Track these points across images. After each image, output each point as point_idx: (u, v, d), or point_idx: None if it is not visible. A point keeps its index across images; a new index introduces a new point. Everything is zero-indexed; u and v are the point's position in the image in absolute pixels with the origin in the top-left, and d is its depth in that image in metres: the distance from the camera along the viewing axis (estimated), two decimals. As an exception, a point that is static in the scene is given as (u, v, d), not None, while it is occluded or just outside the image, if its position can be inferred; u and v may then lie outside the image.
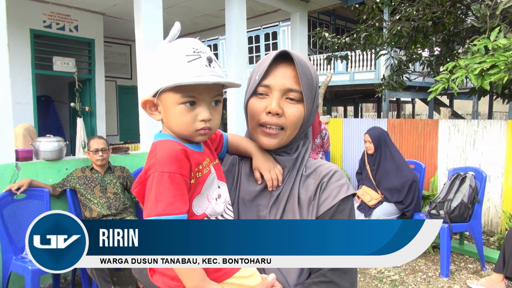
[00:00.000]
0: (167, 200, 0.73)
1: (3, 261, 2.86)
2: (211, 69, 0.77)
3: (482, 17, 3.69)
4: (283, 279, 0.84)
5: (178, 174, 0.76)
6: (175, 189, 0.74)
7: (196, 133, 0.80)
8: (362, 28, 5.30)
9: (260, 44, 13.49)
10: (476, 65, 2.93)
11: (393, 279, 3.45)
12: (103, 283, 2.83)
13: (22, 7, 5.49)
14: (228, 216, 0.87)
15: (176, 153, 0.77)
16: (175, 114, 0.79)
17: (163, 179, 0.74)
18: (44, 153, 3.27)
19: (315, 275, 0.84)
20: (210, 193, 0.84)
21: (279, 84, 0.87)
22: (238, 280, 0.80)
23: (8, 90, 2.97)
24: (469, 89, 5.88)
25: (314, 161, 0.97)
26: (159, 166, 0.75)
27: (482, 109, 16.45)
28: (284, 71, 0.87)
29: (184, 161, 0.77)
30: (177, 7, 5.89)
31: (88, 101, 6.49)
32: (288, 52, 0.87)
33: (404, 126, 5.33)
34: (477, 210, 3.55)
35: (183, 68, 0.75)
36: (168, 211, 0.73)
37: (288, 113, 0.87)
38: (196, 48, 0.78)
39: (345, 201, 0.89)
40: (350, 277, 0.85)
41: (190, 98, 0.77)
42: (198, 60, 0.76)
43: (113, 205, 3.16)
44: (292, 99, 0.88)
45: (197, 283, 0.75)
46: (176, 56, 0.77)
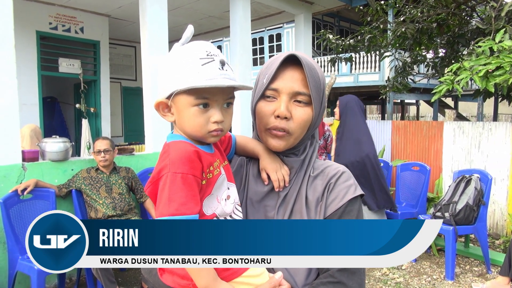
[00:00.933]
0: (180, 200, 0.75)
1: (10, 260, 2.88)
2: (224, 72, 0.79)
3: (487, 19, 3.67)
4: (291, 279, 0.85)
5: (191, 175, 0.77)
6: (187, 190, 0.76)
7: (209, 135, 0.82)
8: (366, 30, 5.30)
9: (264, 46, 13.51)
10: (481, 66, 2.91)
11: (397, 282, 3.43)
12: (108, 283, 2.84)
13: (29, 9, 5.54)
14: (236, 216, 0.88)
15: (189, 154, 0.78)
16: (188, 116, 0.80)
17: (176, 180, 0.75)
18: (50, 154, 3.30)
19: (323, 276, 0.85)
20: (220, 194, 0.85)
21: (287, 88, 0.87)
22: (247, 279, 0.81)
23: (15, 91, 3.00)
24: (474, 91, 5.85)
25: (321, 162, 0.98)
26: (172, 167, 0.76)
27: (487, 111, 16.35)
28: (292, 74, 0.87)
29: (196, 162, 0.79)
30: (182, 9, 5.92)
31: (93, 102, 6.53)
32: (295, 55, 0.87)
33: (408, 128, 5.32)
34: (482, 212, 3.53)
35: (197, 71, 0.76)
36: (181, 211, 0.74)
37: (296, 116, 0.88)
38: (209, 51, 0.80)
39: (352, 202, 0.89)
40: (358, 277, 0.85)
41: (203, 100, 0.79)
42: (211, 63, 0.78)
43: (118, 205, 3.18)
44: (300, 102, 0.88)
45: (208, 282, 0.76)
46: (190, 59, 0.78)
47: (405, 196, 4.46)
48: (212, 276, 0.76)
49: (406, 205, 4.39)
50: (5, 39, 2.93)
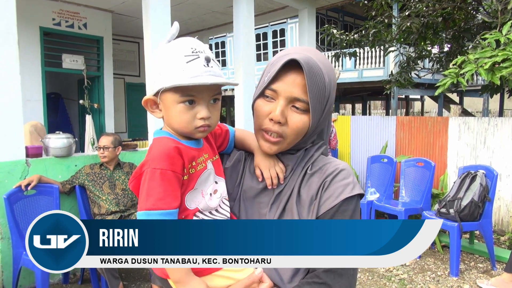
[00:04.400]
0: (157, 196, 0.77)
1: (14, 256, 2.90)
2: (209, 69, 0.79)
3: (493, 12, 3.62)
4: (277, 276, 0.84)
5: (170, 171, 0.78)
6: (166, 185, 0.78)
7: (196, 130, 0.83)
8: (370, 24, 5.25)
9: (268, 41, 13.46)
10: (487, 59, 2.88)
11: (401, 278, 3.42)
12: (111, 279, 2.85)
13: (32, 5, 5.54)
14: (223, 210, 0.89)
15: (169, 150, 0.80)
16: (175, 113, 0.82)
17: (155, 175, 0.78)
18: (53, 150, 3.30)
19: (309, 276, 0.83)
20: (205, 188, 0.86)
21: (286, 91, 0.84)
22: (226, 273, 0.82)
23: (19, 88, 3.00)
24: (481, 86, 5.80)
25: (323, 159, 0.93)
26: (152, 163, 0.79)
27: (492, 106, 16.24)
28: (294, 78, 0.83)
29: (176, 158, 0.80)
30: (185, 4, 5.89)
31: (96, 98, 6.54)
32: (298, 61, 0.81)
33: (413, 123, 5.28)
34: (487, 209, 3.50)
35: (182, 69, 0.78)
36: (157, 205, 0.76)
37: (291, 122, 0.85)
38: (194, 48, 0.80)
39: (348, 201, 0.85)
40: (346, 280, 0.82)
41: (189, 97, 0.80)
42: (196, 60, 0.79)
43: (121, 201, 3.18)
44: (297, 108, 0.85)
45: (180, 276, 0.77)
46: (175, 57, 0.79)
47: (409, 192, 4.44)
48: (184, 271, 0.77)
49: (411, 201, 4.37)
50: (8, 36, 2.92)
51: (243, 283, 0.81)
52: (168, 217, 0.77)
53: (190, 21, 6.94)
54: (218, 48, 14.96)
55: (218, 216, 0.87)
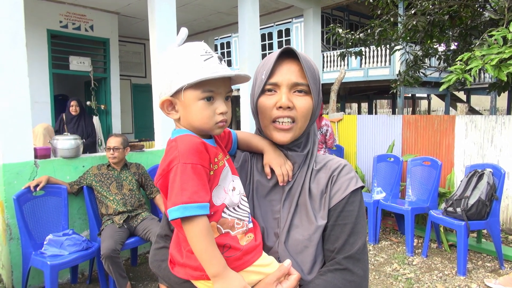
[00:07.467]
0: (192, 189, 0.77)
1: (23, 256, 2.93)
2: (224, 66, 0.85)
3: (501, 9, 3.60)
4: (298, 267, 0.89)
5: (200, 165, 0.80)
6: (198, 179, 0.79)
7: (216, 126, 0.86)
8: (376, 23, 5.23)
9: (273, 41, 13.46)
10: (494, 55, 2.85)
11: (408, 277, 3.41)
12: (119, 279, 2.87)
13: (39, 8, 5.61)
14: (243, 207, 0.91)
15: (197, 145, 0.82)
16: (196, 110, 0.84)
17: (186, 170, 0.78)
18: (61, 151, 3.34)
19: (330, 263, 0.90)
20: (226, 185, 0.88)
21: (286, 80, 0.91)
22: (257, 268, 0.85)
23: (27, 90, 3.04)
24: (488, 84, 5.74)
25: (323, 156, 1.03)
26: (182, 158, 0.79)
27: (500, 104, 16.07)
28: (289, 67, 0.91)
29: (204, 153, 0.82)
30: (190, 5, 5.92)
31: (103, 100, 6.60)
32: (290, 48, 0.91)
33: (420, 122, 5.25)
34: (495, 207, 3.47)
35: (202, 66, 0.82)
36: (193, 199, 0.77)
37: (298, 105, 0.91)
38: (206, 50, 0.85)
39: (355, 193, 0.94)
40: (363, 264, 0.91)
41: (209, 93, 0.84)
42: (212, 59, 0.83)
43: (128, 201, 3.21)
44: (300, 92, 0.92)
45: (218, 270, 0.78)
46: (192, 56, 0.83)
47: (416, 191, 4.42)
48: (222, 264, 0.79)
49: (417, 200, 4.35)
50: (16, 38, 2.97)
51: (275, 276, 0.85)
52: (204, 210, 0.77)
53: (195, 22, 6.96)
54: (223, 49, 14.98)
55: (241, 212, 0.89)
